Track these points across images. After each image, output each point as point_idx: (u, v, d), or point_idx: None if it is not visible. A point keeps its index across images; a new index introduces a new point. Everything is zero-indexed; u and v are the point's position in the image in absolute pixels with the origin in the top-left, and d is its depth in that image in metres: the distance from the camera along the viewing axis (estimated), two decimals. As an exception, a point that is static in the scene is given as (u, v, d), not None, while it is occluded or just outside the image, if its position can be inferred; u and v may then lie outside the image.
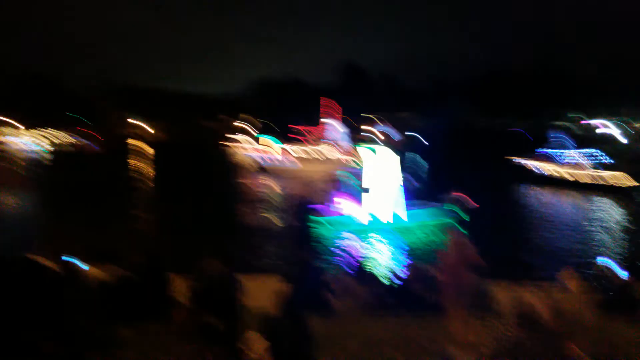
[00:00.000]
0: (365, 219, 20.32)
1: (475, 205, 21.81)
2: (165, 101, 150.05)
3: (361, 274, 7.30)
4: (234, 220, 23.55)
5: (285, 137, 55.59)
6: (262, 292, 5.62)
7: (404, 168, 21.11)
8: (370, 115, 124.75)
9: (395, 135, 23.95)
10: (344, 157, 48.44)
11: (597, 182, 35.38)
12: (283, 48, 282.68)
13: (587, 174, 36.69)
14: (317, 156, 48.76)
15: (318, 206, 21.23)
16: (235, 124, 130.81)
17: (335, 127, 52.36)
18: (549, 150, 42.96)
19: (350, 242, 18.79)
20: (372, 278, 7.41)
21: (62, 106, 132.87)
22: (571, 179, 37.74)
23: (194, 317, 5.22)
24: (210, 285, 5.21)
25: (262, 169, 47.70)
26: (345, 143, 51.03)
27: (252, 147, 54.21)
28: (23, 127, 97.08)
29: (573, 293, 5.21)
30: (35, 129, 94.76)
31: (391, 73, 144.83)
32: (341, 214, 20.56)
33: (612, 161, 37.52)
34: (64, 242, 9.17)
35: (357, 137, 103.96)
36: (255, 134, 62.12)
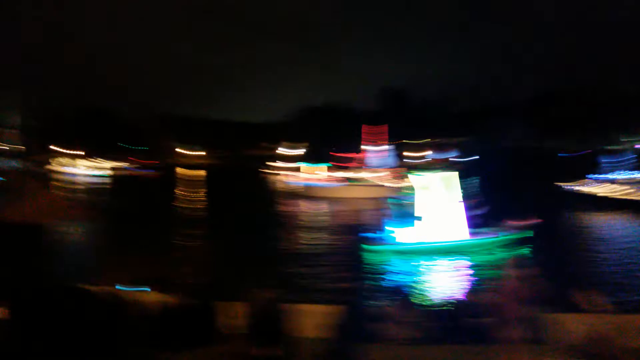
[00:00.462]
0: (417, 245, 19.87)
1: (535, 225, 21.16)
2: (211, 129, 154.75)
3: (412, 300, 7.06)
4: (282, 247, 23.58)
5: (328, 163, 55.90)
6: (312, 320, 5.51)
7: (461, 191, 20.53)
8: (417, 141, 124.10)
9: (450, 159, 23.60)
10: (388, 183, 48.19)
11: None
12: (330, 74, 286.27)
13: None
14: (360, 182, 48.58)
15: (369, 232, 20.92)
16: (278, 151, 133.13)
17: (378, 153, 52.24)
18: (603, 175, 41.38)
19: (403, 268, 18.41)
20: (424, 305, 7.16)
21: (115, 136, 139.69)
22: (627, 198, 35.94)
23: (243, 344, 5.16)
24: (260, 313, 5.16)
25: (306, 195, 47.83)
26: (390, 169, 50.80)
27: (294, 173, 54.62)
28: (79, 157, 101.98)
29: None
30: (91, 158, 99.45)
31: (441, 97, 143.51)
32: (393, 240, 20.16)
33: None
34: (118, 270, 9.39)
35: (410, 164, 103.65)
36: (298, 162, 62.79)
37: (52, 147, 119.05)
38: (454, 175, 20.50)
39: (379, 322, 7.26)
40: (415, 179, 20.55)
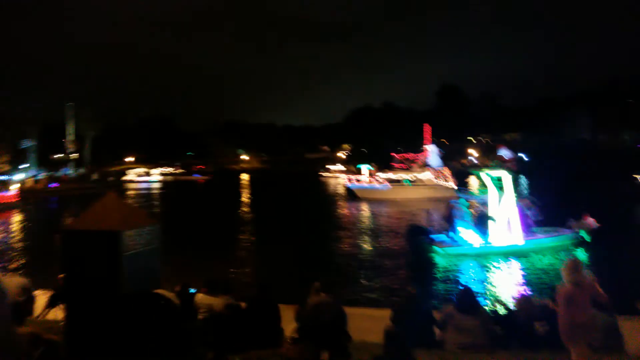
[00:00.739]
0: (482, 246, 19.46)
1: (598, 225, 20.27)
2: (270, 134, 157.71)
3: (474, 305, 6.95)
4: (343, 249, 23.69)
5: (385, 164, 55.62)
6: (372, 324, 5.57)
7: (521, 191, 19.92)
8: (473, 138, 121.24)
9: (511, 157, 22.88)
10: (443, 183, 47.34)
11: None
12: (386, 75, 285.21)
13: None
14: (417, 182, 47.99)
15: (436, 234, 20.63)
16: (337, 154, 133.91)
17: (434, 153, 51.44)
18: None
19: (469, 271, 18.07)
20: (484, 310, 7.04)
21: (175, 143, 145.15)
22: None
23: (304, 347, 5.29)
24: (318, 316, 5.27)
25: (363, 197, 47.78)
26: (444, 168, 49.94)
27: (351, 175, 54.73)
28: (141, 164, 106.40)
29: None
30: (152, 165, 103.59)
31: (496, 93, 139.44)
32: (457, 242, 19.82)
33: None
34: (182, 274, 9.77)
35: (481, 163, 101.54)
36: (357, 164, 62.91)
37: (118, 156, 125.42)
38: (518, 175, 19.89)
39: (438, 327, 7.22)
40: (488, 178, 19.95)
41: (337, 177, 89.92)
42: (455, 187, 46.69)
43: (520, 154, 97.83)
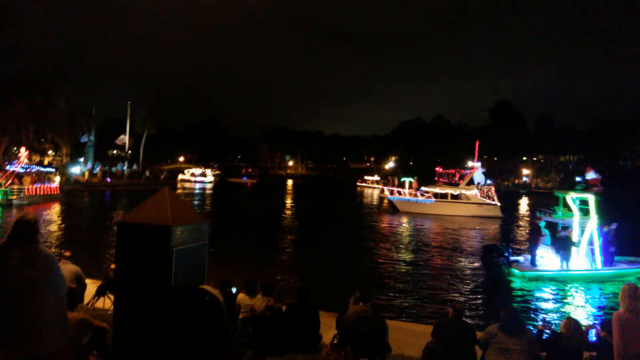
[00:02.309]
0: (561, 270, 18.95)
1: None
2: (317, 142, 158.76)
3: (519, 326, 6.75)
4: (382, 263, 23.51)
5: (430, 178, 54.89)
6: (411, 338, 5.50)
7: (601, 215, 19.32)
8: (527, 158, 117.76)
9: (598, 180, 21.98)
10: (486, 201, 46.29)
11: None
12: (439, 89, 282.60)
13: None
14: (461, 199, 47.08)
15: (508, 254, 20.21)
16: (383, 166, 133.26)
17: (479, 170, 50.47)
18: None
19: (538, 294, 17.60)
20: (531, 332, 6.81)
21: (226, 146, 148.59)
22: None
23: (339, 354, 5.29)
24: (359, 325, 5.27)
25: (398, 209, 47.22)
26: (490, 186, 48.95)
27: (393, 187, 54.13)
28: (192, 165, 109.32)
29: None
30: (201, 166, 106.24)
31: (554, 113, 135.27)
32: (536, 265, 19.38)
33: None
34: (225, 273, 9.95)
35: (533, 183, 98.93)
36: (401, 177, 62.37)
37: (170, 155, 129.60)
38: (596, 198, 19.26)
39: (480, 346, 7.04)
40: (573, 201, 19.41)
41: (374, 188, 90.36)
42: (499, 204, 45.78)
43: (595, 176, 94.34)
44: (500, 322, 6.71)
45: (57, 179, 51.02)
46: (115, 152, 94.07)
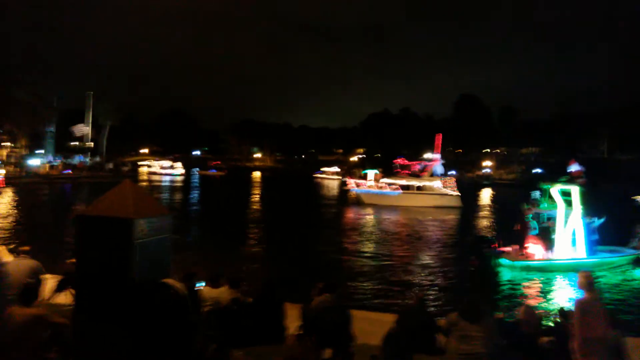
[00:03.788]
0: (547, 260, 19.45)
1: None
2: (286, 134, 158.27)
3: (479, 314, 6.93)
4: (348, 254, 23.68)
5: (391, 170, 55.49)
6: (375, 328, 5.59)
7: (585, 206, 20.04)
8: (490, 150, 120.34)
9: (582, 173, 22.49)
10: (449, 192, 47.45)
11: None
12: (406, 82, 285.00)
13: None
14: (424, 190, 47.94)
15: (496, 244, 20.56)
16: (351, 158, 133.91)
17: (441, 162, 51.63)
18: None
19: (520, 283, 18.05)
20: (490, 319, 7.00)
21: (189, 138, 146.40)
22: None
23: (304, 344, 5.33)
24: (323, 315, 5.32)
25: (364, 202, 47.63)
26: (450, 177, 50.35)
27: (358, 180, 54.40)
28: (157, 157, 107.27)
29: None
30: (166, 158, 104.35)
31: (516, 106, 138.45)
32: (523, 254, 19.84)
33: None
34: (190, 266, 9.87)
35: (496, 175, 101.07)
36: (363, 170, 62.76)
37: (131, 146, 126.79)
38: (581, 190, 19.85)
39: (442, 334, 7.20)
40: (557, 193, 19.89)
41: (333, 179, 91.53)
42: (459, 195, 47.01)
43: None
44: (461, 310, 6.89)
45: (2, 171, 49.33)
46: (77, 143, 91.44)
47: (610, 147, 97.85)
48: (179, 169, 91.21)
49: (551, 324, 8.35)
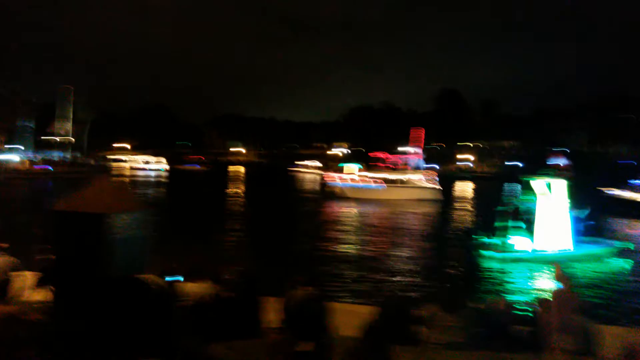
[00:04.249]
0: (531, 252, 19.68)
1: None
2: (268, 128, 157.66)
3: (457, 304, 7.04)
4: (330, 248, 23.75)
5: (369, 163, 55.69)
6: (354, 320, 5.63)
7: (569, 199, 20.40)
8: (471, 144, 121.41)
9: (567, 165, 22.83)
10: (428, 185, 47.95)
11: None
12: (388, 76, 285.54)
13: None
14: (405, 183, 48.26)
15: (482, 237, 20.74)
16: (333, 151, 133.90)
17: (420, 155, 52.10)
18: None
19: (505, 274, 18.28)
20: (468, 310, 7.12)
21: (168, 132, 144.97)
22: None
23: (281, 338, 5.35)
24: (301, 308, 5.34)
25: (346, 196, 47.70)
26: (430, 171, 50.99)
27: (337, 174, 54.37)
28: (135, 151, 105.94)
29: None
30: (145, 152, 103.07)
31: (497, 100, 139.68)
32: (508, 247, 20.05)
33: None
34: (165, 261, 9.81)
35: (477, 168, 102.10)
36: (340, 163, 62.76)
37: (112, 141, 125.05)
38: (565, 183, 20.17)
39: (421, 324, 7.30)
40: (538, 185, 20.12)
41: (313, 173, 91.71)
42: (440, 188, 47.54)
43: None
44: (440, 301, 6.99)
45: None
46: (57, 139, 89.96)
47: (587, 139, 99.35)
48: (161, 164, 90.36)
49: (528, 314, 8.52)
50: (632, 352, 4.33)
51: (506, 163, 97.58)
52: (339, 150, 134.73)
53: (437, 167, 78.30)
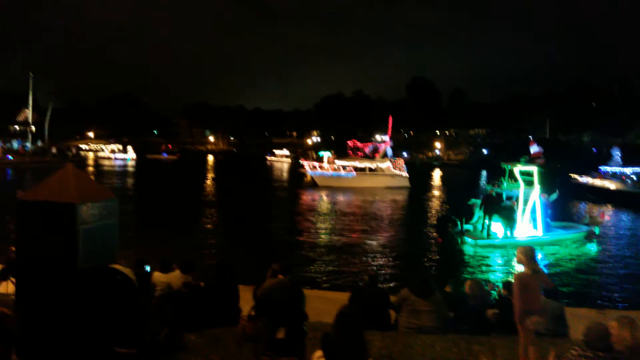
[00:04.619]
0: (506, 238, 20.02)
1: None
2: (239, 117, 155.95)
3: (428, 289, 7.15)
4: (303, 236, 23.77)
5: (344, 152, 55.80)
6: (329, 306, 5.65)
7: (547, 186, 20.90)
8: (440, 132, 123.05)
9: (541, 153, 23.24)
10: (398, 172, 48.50)
11: None
12: (359, 64, 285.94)
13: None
14: (377, 172, 48.72)
15: (461, 224, 20.93)
16: (305, 140, 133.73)
17: (388, 143, 52.49)
18: (612, 168, 42.69)
19: (480, 260, 18.59)
20: (438, 294, 7.24)
21: (139, 121, 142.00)
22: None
23: (256, 324, 5.33)
24: (275, 295, 5.32)
25: (317, 184, 47.84)
26: (398, 159, 51.52)
27: (313, 163, 54.19)
28: (105, 141, 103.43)
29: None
30: (115, 141, 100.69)
31: (467, 89, 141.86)
32: (485, 233, 20.31)
33: None
34: (140, 251, 9.64)
35: (445, 156, 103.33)
36: (317, 152, 62.63)
37: (78, 130, 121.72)
38: (541, 170, 20.58)
39: (393, 310, 7.39)
40: (518, 173, 20.43)
41: (283, 162, 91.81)
42: (408, 176, 48.19)
43: (483, 150, 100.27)
44: (411, 286, 7.08)
45: None
46: (17, 128, 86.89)
47: (553, 127, 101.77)
48: (129, 153, 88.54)
49: (496, 297, 8.73)
50: (600, 333, 4.46)
51: (482, 150, 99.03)
52: (311, 139, 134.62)
53: (406, 155, 78.97)
